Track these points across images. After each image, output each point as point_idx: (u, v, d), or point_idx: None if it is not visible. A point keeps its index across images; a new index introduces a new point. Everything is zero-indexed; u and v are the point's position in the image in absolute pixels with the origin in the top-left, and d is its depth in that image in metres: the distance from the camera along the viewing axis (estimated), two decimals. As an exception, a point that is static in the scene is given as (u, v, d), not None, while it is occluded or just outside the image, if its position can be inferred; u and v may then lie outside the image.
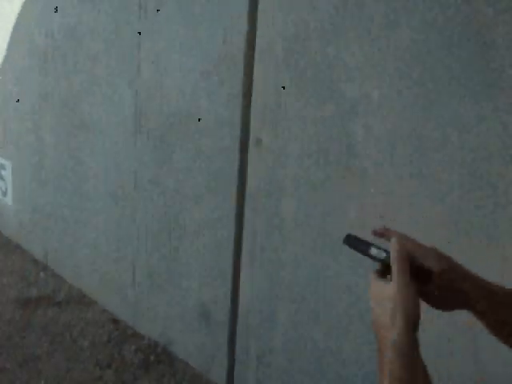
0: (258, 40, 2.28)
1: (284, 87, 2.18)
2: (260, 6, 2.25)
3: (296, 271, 2.30)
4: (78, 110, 3.37)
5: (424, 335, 0.89)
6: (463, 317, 1.01)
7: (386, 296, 0.84)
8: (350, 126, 2.03)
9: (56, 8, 3.38)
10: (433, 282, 0.89)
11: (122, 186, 3.10)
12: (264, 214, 2.37)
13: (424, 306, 0.87)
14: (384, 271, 0.89)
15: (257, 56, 2.29)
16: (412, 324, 0.82)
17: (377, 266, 0.92)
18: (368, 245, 0.92)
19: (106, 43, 3.06)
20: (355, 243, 0.95)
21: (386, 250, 0.89)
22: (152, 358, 2.94)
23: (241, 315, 2.56)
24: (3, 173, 4.35)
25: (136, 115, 2.92)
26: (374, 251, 0.91)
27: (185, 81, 2.61)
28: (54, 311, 3.40)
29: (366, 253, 0.92)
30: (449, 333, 1.86)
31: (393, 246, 0.87)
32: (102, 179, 3.27)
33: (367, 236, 0.96)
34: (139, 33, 2.82)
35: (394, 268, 0.85)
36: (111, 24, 3.00)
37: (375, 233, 0.95)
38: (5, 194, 4.39)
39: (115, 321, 3.28)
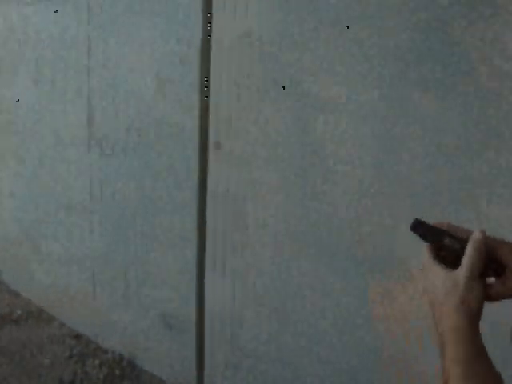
0: (213, 38, 2.23)
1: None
2: (214, 3, 2.20)
3: (261, 274, 2.26)
4: (26, 122, 3.25)
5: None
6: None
7: (450, 283, 0.83)
8: (313, 125, 2.00)
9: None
10: (506, 276, 0.86)
11: (78, 198, 3.00)
12: (226, 218, 2.32)
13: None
14: (451, 260, 0.88)
15: (213, 55, 2.24)
16: (475, 317, 0.81)
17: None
18: (441, 233, 0.90)
19: (52, 48, 2.95)
20: (425, 230, 0.92)
21: (459, 241, 0.88)
22: (117, 372, 2.84)
23: (207, 322, 2.50)
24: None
25: (88, 124, 2.83)
26: (447, 241, 0.89)
27: (138, 84, 2.54)
28: (12, 329, 3.26)
29: (436, 241, 0.90)
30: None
31: (475, 236, 0.86)
32: (56, 191, 3.15)
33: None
34: (88, 37, 2.73)
35: (469, 258, 0.84)
36: (57, 28, 2.89)
37: (449, 225, 0.93)
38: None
39: (77, 336, 3.17)
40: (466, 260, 0.84)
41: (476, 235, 0.86)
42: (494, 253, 0.86)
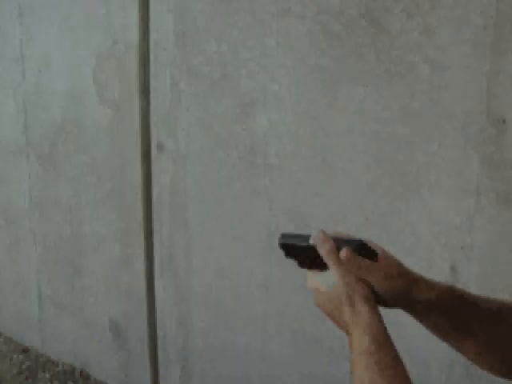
0: (152, 38, 2.17)
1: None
2: (151, 2, 2.15)
3: (207, 274, 2.23)
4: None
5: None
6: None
7: (331, 285, 0.82)
8: (251, 121, 1.98)
9: None
10: (379, 264, 0.84)
11: (14, 206, 2.89)
12: (172, 220, 2.28)
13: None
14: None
15: (152, 55, 2.18)
16: (373, 302, 0.80)
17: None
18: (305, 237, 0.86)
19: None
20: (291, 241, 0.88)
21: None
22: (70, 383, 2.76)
23: (158, 327, 2.45)
24: None
25: (24, 128, 2.72)
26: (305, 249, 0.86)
27: (74, 87, 2.46)
28: (-46, 348, 3.12)
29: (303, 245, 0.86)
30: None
31: (314, 233, 0.85)
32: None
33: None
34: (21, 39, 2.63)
35: (326, 256, 0.83)
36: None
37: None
38: None
39: (24, 350, 3.05)
40: (323, 256, 0.83)
41: (313, 233, 0.85)
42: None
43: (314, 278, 0.86)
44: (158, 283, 2.38)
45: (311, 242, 0.84)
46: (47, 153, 2.65)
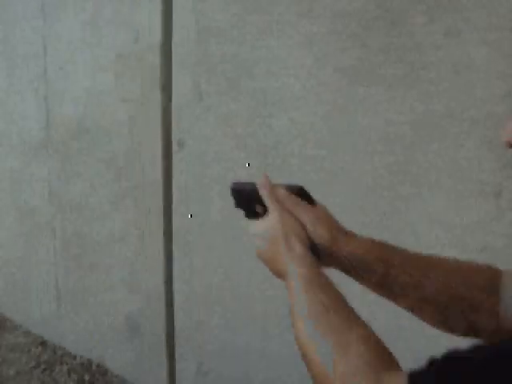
0: (173, 37, 2.19)
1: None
2: (174, 2, 2.17)
3: (228, 274, 2.24)
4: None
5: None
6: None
7: (269, 227, 0.84)
8: (272, 121, 1.99)
9: None
10: (313, 207, 0.88)
11: (35, 201, 2.93)
12: (192, 219, 2.29)
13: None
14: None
15: (173, 54, 2.20)
16: (307, 243, 0.82)
17: None
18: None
19: (6, 49, 2.87)
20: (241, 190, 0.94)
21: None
22: (86, 377, 2.79)
23: (176, 323, 2.47)
24: None
25: (45, 125, 2.76)
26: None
27: (96, 84, 2.48)
28: (-26, 339, 3.17)
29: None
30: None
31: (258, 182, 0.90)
32: (8, 194, 3.07)
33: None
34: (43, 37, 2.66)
35: (265, 196, 0.87)
36: (12, 28, 2.81)
37: None
38: None
39: (42, 343, 3.10)
40: (264, 199, 0.88)
41: (259, 181, 0.90)
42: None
43: (255, 224, 0.89)
44: (179, 279, 2.40)
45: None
46: (67, 149, 2.67)
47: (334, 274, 0.83)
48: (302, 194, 0.88)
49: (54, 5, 2.57)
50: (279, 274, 0.84)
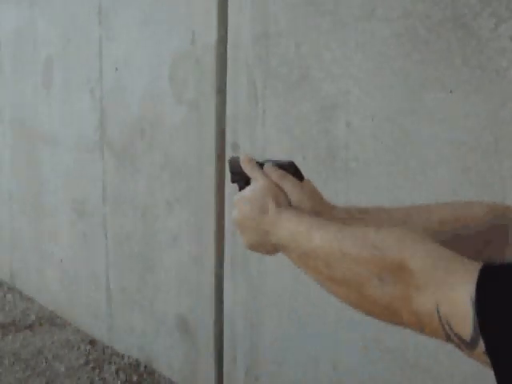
0: (229, 39, 2.18)
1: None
2: (230, 3, 2.16)
3: (281, 277, 2.21)
4: (34, 123, 3.21)
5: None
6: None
7: (251, 193, 0.85)
8: (331, 124, 1.95)
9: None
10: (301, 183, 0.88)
11: (89, 201, 2.97)
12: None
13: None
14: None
15: (229, 55, 2.20)
16: (283, 201, 0.82)
17: None
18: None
19: (64, 51, 2.92)
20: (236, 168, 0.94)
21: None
22: (135, 377, 2.81)
23: (226, 326, 2.46)
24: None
25: (100, 125, 2.79)
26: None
27: (151, 85, 2.50)
28: (26, 335, 3.22)
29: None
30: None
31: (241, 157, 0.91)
32: (63, 194, 3.12)
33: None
34: (100, 38, 2.69)
35: (249, 169, 0.88)
36: (69, 30, 2.86)
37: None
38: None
39: (92, 341, 3.13)
40: (246, 170, 0.89)
41: (241, 157, 0.91)
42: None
43: (240, 192, 0.89)
44: (229, 281, 2.39)
45: None
46: (123, 150, 2.70)
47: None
48: (291, 169, 0.88)
49: (111, 6, 2.60)
50: (261, 242, 0.85)
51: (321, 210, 0.86)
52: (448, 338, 0.59)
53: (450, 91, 1.69)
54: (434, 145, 1.74)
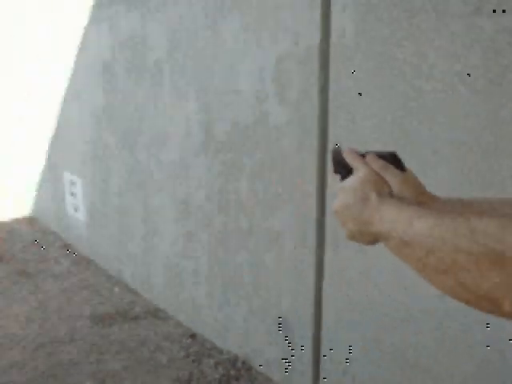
0: (332, 40, 2.19)
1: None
2: (333, 4, 2.16)
3: (379, 280, 2.18)
4: (142, 123, 3.36)
5: None
6: None
7: (352, 182, 0.86)
8: (419, 125, 1.90)
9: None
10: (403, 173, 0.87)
11: (193, 198, 3.06)
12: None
13: None
14: None
15: (332, 56, 2.20)
16: (384, 191, 0.83)
17: None
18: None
19: (173, 52, 3.03)
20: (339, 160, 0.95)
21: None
22: (232, 372, 2.87)
23: (325, 326, 2.46)
24: (74, 189, 4.40)
25: (206, 125, 2.88)
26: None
27: (255, 86, 2.54)
28: (130, 326, 3.38)
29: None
30: None
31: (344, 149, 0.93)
32: (170, 191, 3.24)
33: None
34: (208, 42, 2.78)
35: (352, 158, 0.89)
36: (177, 35, 2.97)
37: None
38: (76, 209, 4.44)
39: (192, 335, 3.24)
40: (349, 162, 0.90)
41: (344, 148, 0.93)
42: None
43: (342, 182, 0.90)
44: (328, 281, 2.39)
45: None
46: (226, 149, 2.77)
47: None
48: (393, 159, 0.88)
49: (217, 11, 2.67)
50: (361, 231, 0.84)
51: (422, 201, 0.85)
52: None
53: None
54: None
